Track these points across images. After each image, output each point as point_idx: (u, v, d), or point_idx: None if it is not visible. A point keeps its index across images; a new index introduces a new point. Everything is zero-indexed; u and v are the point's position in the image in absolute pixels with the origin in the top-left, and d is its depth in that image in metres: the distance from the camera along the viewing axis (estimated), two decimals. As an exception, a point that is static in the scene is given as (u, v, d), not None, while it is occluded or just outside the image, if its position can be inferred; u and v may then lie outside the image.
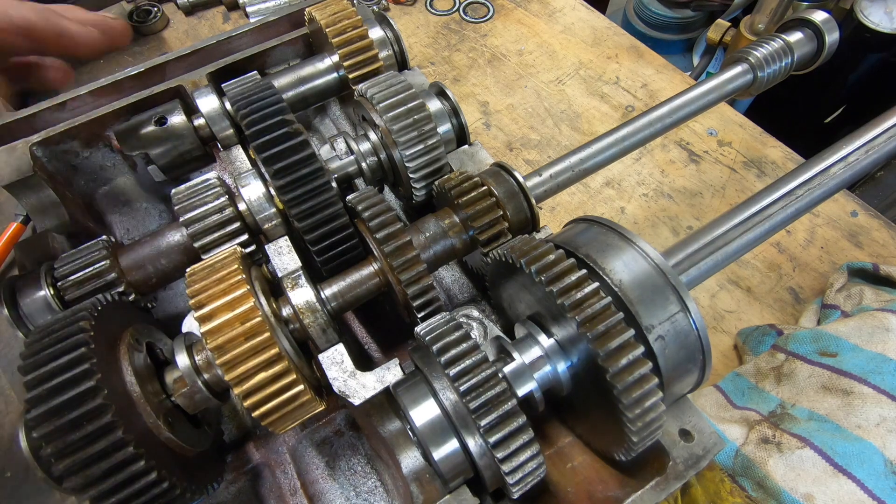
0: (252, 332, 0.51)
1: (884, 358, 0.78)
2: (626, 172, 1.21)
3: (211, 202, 0.65)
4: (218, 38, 0.86)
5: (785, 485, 0.71)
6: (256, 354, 0.51)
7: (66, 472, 0.46)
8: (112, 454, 0.46)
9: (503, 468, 0.48)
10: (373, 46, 0.78)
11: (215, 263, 0.56)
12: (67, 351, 0.48)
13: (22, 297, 0.62)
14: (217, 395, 0.57)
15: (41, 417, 0.46)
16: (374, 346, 0.79)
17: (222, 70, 0.83)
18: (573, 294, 0.48)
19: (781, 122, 1.51)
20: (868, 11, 1.54)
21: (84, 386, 0.47)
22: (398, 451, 0.58)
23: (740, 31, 1.71)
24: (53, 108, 0.78)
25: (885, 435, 0.72)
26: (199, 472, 0.58)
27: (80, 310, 0.53)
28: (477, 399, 0.48)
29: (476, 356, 0.50)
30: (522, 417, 0.48)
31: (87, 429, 0.46)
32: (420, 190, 0.71)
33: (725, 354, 0.98)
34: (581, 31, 1.47)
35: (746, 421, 0.80)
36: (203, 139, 0.77)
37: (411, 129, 0.68)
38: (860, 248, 1.07)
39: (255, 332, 0.51)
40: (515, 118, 1.30)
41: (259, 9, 1.44)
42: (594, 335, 0.46)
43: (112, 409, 0.47)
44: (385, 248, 0.59)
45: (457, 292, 0.81)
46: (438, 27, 1.48)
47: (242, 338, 0.50)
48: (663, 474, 0.52)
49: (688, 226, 1.13)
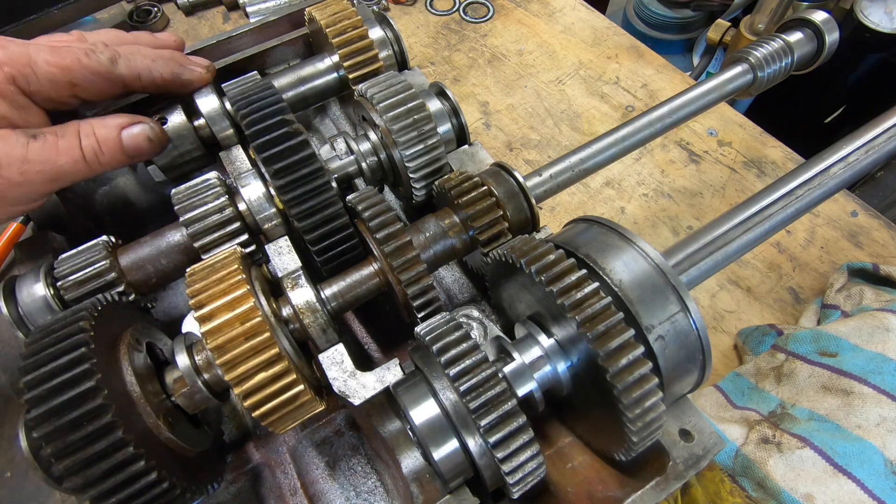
0: (252, 331, 0.51)
1: (884, 358, 0.78)
2: (626, 172, 1.21)
3: (211, 202, 0.65)
4: (218, 38, 0.86)
5: (785, 485, 0.71)
6: (256, 354, 0.51)
7: (67, 472, 0.46)
8: (112, 454, 0.46)
9: (503, 468, 0.48)
10: (373, 46, 0.78)
11: (215, 263, 0.56)
12: (67, 351, 0.48)
13: (22, 297, 0.62)
14: (217, 396, 0.57)
15: (41, 418, 0.46)
16: (374, 346, 0.79)
17: (222, 70, 0.83)
18: (573, 294, 0.48)
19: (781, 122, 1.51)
20: (868, 11, 1.54)
21: (84, 386, 0.47)
22: (398, 451, 0.58)
23: (740, 31, 1.71)
24: (53, 108, 0.78)
25: (885, 435, 0.72)
26: (199, 472, 0.58)
27: (79, 310, 0.53)
28: (477, 399, 0.48)
29: (476, 356, 0.50)
30: (522, 417, 0.48)
31: (88, 429, 0.46)
32: (420, 190, 0.71)
33: (725, 354, 0.98)
34: (581, 31, 1.47)
35: (746, 421, 0.80)
36: (203, 139, 0.77)
37: (411, 129, 0.68)
38: (860, 248, 1.07)
39: (255, 332, 0.51)
40: (515, 118, 1.30)
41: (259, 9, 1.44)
42: (594, 335, 0.46)
43: (112, 409, 0.47)
44: (385, 249, 0.59)
45: (457, 292, 0.81)
46: (438, 27, 1.48)
47: (242, 338, 0.50)
48: (663, 474, 0.52)
49: (688, 226, 1.13)
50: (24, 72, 0.61)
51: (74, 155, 0.62)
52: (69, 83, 0.63)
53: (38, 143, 0.60)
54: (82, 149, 0.62)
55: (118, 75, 0.66)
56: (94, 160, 0.63)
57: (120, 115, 0.67)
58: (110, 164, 0.65)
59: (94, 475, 0.46)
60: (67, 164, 0.62)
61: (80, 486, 0.46)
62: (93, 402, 0.46)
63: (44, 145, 0.60)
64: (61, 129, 0.63)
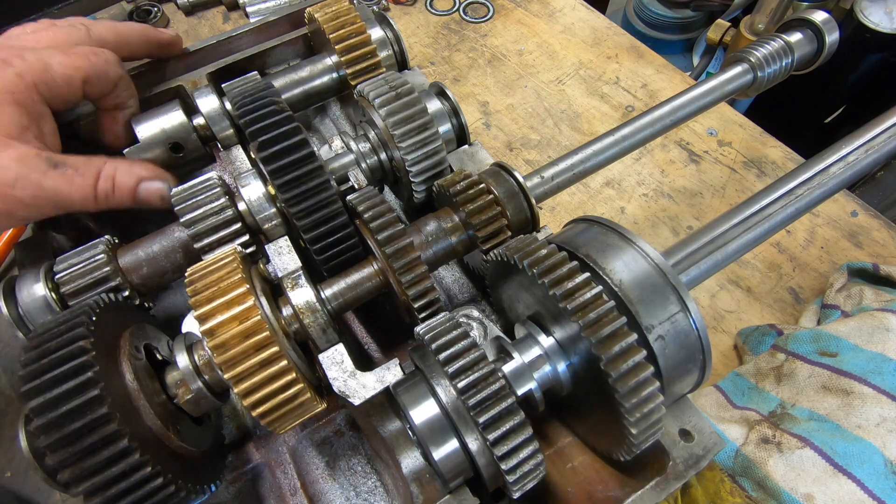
0: (251, 330, 0.51)
1: (884, 358, 0.78)
2: (626, 172, 1.21)
3: (211, 203, 0.65)
4: (218, 38, 0.86)
5: (785, 485, 0.71)
6: (256, 353, 0.51)
7: (73, 479, 0.46)
8: (118, 461, 0.47)
9: (502, 466, 0.48)
10: (373, 46, 0.78)
11: (215, 263, 0.56)
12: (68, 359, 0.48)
13: (22, 297, 0.62)
14: (217, 396, 0.57)
15: (45, 427, 0.46)
16: (374, 346, 0.79)
17: (222, 70, 0.83)
18: (576, 297, 0.48)
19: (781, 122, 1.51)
20: (868, 11, 1.54)
21: (87, 395, 0.46)
22: (398, 451, 0.58)
23: (740, 31, 1.71)
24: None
25: (885, 435, 0.72)
26: (199, 472, 0.58)
27: (79, 311, 0.52)
28: (475, 396, 0.48)
29: (474, 353, 0.50)
30: (521, 415, 0.48)
31: (92, 437, 0.46)
32: (420, 190, 0.71)
33: (725, 354, 0.98)
34: (581, 31, 1.47)
35: (746, 421, 0.80)
36: (203, 139, 0.77)
37: (411, 130, 0.68)
38: (860, 248, 1.07)
39: (255, 331, 0.51)
40: (515, 118, 1.30)
41: (259, 9, 1.44)
42: (597, 339, 0.46)
43: (117, 417, 0.47)
44: (386, 250, 0.59)
45: (457, 292, 0.81)
46: (438, 27, 1.48)
47: (242, 336, 0.50)
48: (663, 474, 0.52)
49: (688, 226, 1.13)
50: (44, 78, 0.63)
51: (86, 193, 0.64)
52: (83, 81, 0.66)
53: (56, 174, 0.61)
54: (96, 189, 0.64)
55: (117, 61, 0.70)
56: (103, 200, 0.65)
57: (146, 166, 0.69)
58: (117, 205, 0.67)
59: (100, 481, 0.46)
60: (78, 199, 0.63)
61: (87, 491, 0.46)
62: (97, 411, 0.46)
63: (62, 177, 0.62)
64: (84, 164, 0.64)
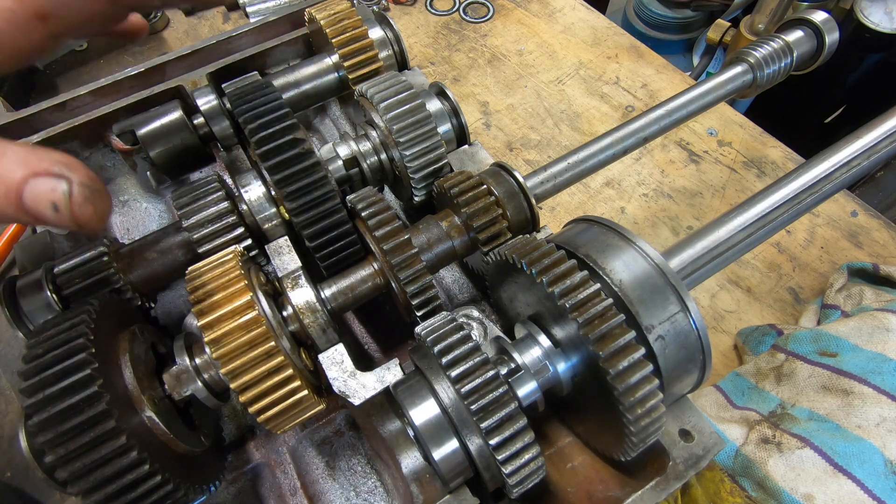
0: (249, 326, 0.51)
1: (884, 358, 0.78)
2: (626, 172, 1.21)
3: (212, 207, 0.65)
4: (218, 38, 0.86)
5: (785, 485, 0.71)
6: (253, 348, 0.50)
7: (72, 477, 0.46)
8: (116, 459, 0.47)
9: (504, 470, 0.48)
10: (373, 46, 0.78)
11: (215, 263, 0.56)
12: (67, 356, 0.48)
13: (22, 296, 0.62)
14: (217, 395, 0.57)
15: (43, 424, 0.46)
16: (374, 346, 0.79)
17: (222, 70, 0.83)
18: (575, 295, 0.48)
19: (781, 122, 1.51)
20: (868, 11, 1.54)
21: (86, 392, 0.47)
22: (398, 451, 0.58)
23: (740, 31, 1.71)
24: (53, 109, 0.78)
25: (885, 435, 0.72)
26: (199, 472, 0.58)
27: (79, 311, 0.53)
28: (479, 401, 0.48)
29: (477, 358, 0.50)
30: (524, 419, 0.48)
31: (91, 435, 0.46)
32: (420, 190, 0.71)
33: (725, 354, 0.98)
34: (581, 31, 1.47)
35: (746, 421, 0.80)
36: (203, 139, 0.77)
37: (412, 130, 0.68)
38: (860, 248, 1.07)
39: (253, 328, 0.51)
40: (515, 118, 1.30)
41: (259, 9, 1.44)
42: (595, 337, 0.46)
43: (115, 414, 0.47)
44: (384, 247, 0.59)
45: (457, 292, 0.81)
46: (438, 27, 1.48)
47: (240, 332, 0.50)
48: (663, 474, 0.52)
49: (688, 226, 1.13)
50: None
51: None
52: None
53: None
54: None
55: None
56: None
57: (51, 155, 0.44)
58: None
59: (98, 479, 0.46)
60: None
61: (86, 490, 0.46)
62: (95, 408, 0.46)
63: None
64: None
